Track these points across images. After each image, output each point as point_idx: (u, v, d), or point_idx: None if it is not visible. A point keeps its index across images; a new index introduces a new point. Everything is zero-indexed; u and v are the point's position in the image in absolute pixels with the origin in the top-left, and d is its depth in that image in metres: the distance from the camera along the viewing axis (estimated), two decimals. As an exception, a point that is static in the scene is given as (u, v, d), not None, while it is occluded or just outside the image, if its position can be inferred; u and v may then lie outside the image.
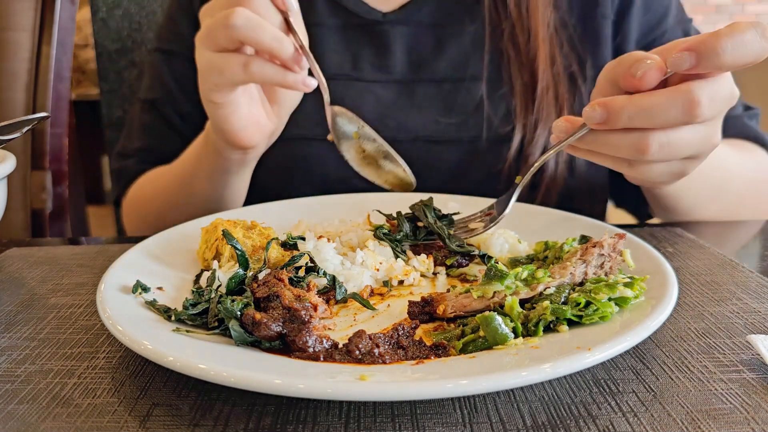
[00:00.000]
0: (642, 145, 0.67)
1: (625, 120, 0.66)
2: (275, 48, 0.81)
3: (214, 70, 0.85)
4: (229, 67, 0.83)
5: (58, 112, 1.51)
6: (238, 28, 0.80)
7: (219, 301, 0.62)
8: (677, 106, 0.65)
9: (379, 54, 1.19)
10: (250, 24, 0.80)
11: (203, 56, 0.86)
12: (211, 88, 0.88)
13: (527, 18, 1.12)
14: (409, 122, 1.17)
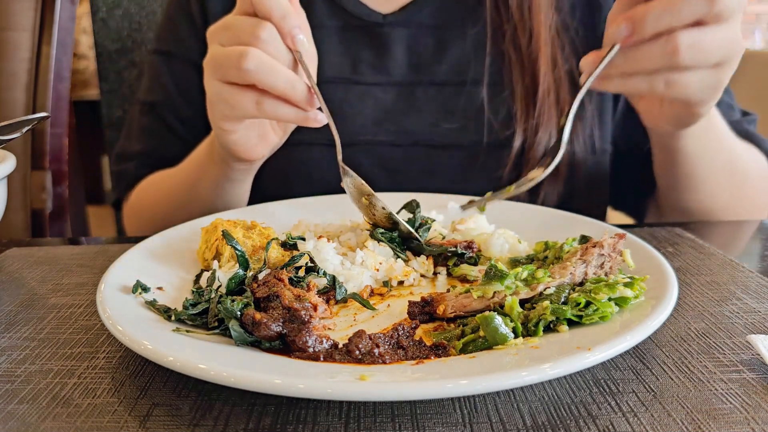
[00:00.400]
0: (672, 48, 0.71)
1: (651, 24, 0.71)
2: (288, 91, 0.81)
3: (224, 103, 0.85)
4: (241, 103, 0.83)
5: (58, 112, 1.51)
6: (251, 73, 0.79)
7: (219, 301, 0.62)
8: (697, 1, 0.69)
9: (379, 56, 1.18)
10: (263, 68, 0.79)
11: (213, 86, 0.85)
12: (220, 117, 0.88)
13: (529, 20, 1.11)
14: (408, 126, 1.16)
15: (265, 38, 0.81)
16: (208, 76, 0.86)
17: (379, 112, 1.16)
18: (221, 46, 0.85)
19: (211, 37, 0.87)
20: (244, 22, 0.83)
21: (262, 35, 0.81)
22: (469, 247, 0.79)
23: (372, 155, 1.16)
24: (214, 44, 0.86)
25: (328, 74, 1.17)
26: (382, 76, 1.18)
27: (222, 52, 0.83)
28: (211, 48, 0.87)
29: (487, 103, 1.14)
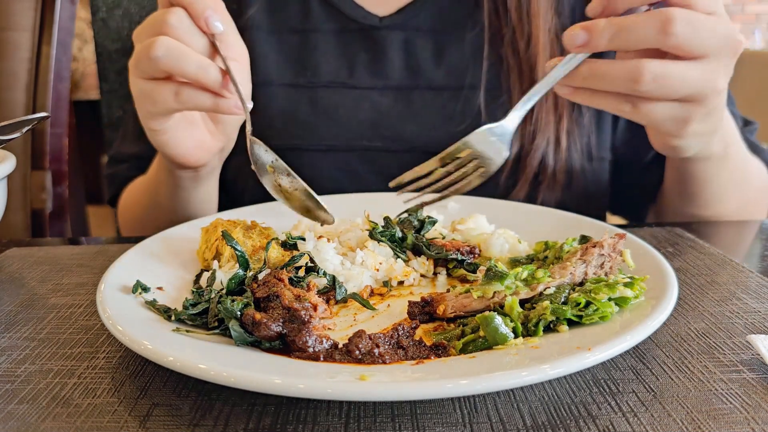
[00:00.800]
0: (635, 74, 0.70)
1: (606, 39, 0.70)
2: (200, 77, 0.79)
3: (146, 99, 0.84)
4: (160, 96, 0.82)
5: (58, 112, 1.51)
6: (160, 59, 0.78)
7: (219, 301, 0.62)
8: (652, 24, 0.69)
9: (376, 60, 1.17)
10: (172, 54, 0.78)
11: (135, 84, 0.84)
12: (146, 116, 0.87)
13: (528, 24, 1.10)
14: (405, 131, 1.15)
15: (173, 23, 0.79)
16: (130, 78, 0.86)
17: (376, 116, 1.15)
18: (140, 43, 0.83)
19: (135, 38, 0.86)
20: (157, 14, 0.82)
21: (170, 20, 0.79)
22: (470, 252, 0.79)
23: (368, 161, 1.15)
24: (136, 44, 0.85)
25: (324, 78, 1.16)
26: (378, 80, 1.17)
27: (139, 48, 0.82)
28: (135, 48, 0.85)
29: (484, 108, 1.13)
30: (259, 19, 1.18)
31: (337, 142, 1.15)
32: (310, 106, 1.15)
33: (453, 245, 0.79)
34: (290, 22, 1.18)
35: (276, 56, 1.17)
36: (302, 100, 1.16)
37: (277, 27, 1.18)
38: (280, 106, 1.15)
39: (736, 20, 7.38)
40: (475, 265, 0.77)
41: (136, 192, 1.21)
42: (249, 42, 1.16)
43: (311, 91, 1.16)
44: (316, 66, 1.16)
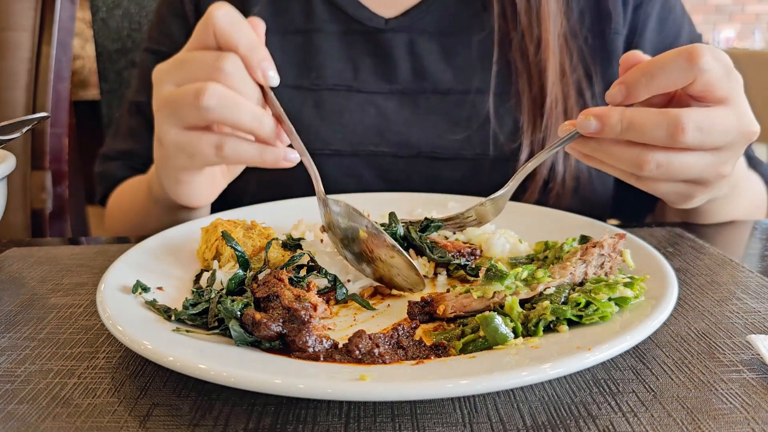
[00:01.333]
0: (640, 161, 0.70)
1: (617, 132, 0.69)
2: (255, 128, 0.74)
3: (182, 152, 0.78)
4: (200, 150, 0.76)
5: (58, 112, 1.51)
6: (212, 110, 0.72)
7: (219, 301, 0.62)
8: (663, 128, 0.68)
9: (381, 63, 1.15)
10: (225, 104, 0.72)
11: (168, 133, 0.77)
12: (178, 170, 0.82)
13: (537, 27, 1.08)
14: (411, 137, 1.13)
15: (228, 70, 0.73)
16: (162, 125, 0.78)
17: (382, 121, 1.14)
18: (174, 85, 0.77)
19: (160, 76, 0.79)
20: (203, 56, 0.75)
21: (225, 67, 0.73)
22: (471, 254, 0.79)
23: (373, 167, 1.14)
24: (166, 85, 0.78)
25: (328, 81, 1.14)
26: (384, 84, 1.15)
27: (177, 92, 0.75)
28: (160, 90, 0.79)
29: (492, 113, 1.11)
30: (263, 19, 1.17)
31: (342, 146, 1.13)
32: (315, 109, 1.14)
33: (455, 246, 0.79)
34: (294, 23, 1.17)
35: (279, 57, 1.16)
36: (307, 103, 1.14)
37: (280, 28, 1.17)
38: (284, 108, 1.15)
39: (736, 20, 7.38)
40: (477, 269, 0.77)
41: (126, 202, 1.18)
42: None
43: (316, 93, 1.15)
44: (320, 68, 1.15)
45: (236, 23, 0.76)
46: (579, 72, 1.11)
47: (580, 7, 1.13)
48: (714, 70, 0.69)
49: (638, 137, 0.69)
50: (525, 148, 1.08)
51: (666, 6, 1.17)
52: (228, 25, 0.75)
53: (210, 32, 0.75)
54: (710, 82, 0.69)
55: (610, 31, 1.13)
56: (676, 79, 0.69)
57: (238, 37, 0.75)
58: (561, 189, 1.10)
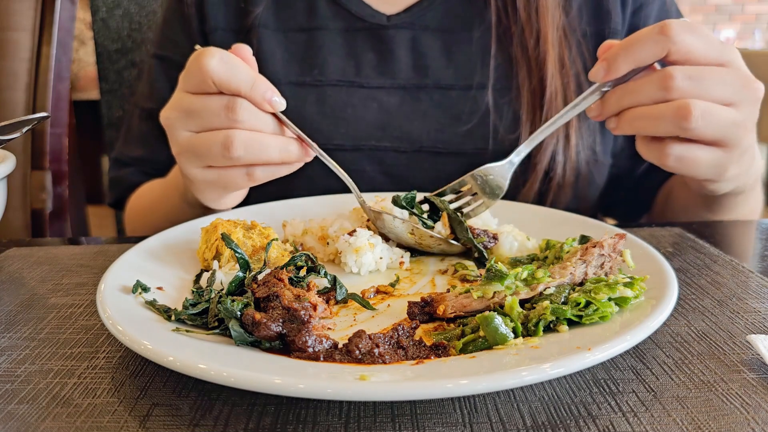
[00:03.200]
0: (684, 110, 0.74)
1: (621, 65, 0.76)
2: (285, 158, 0.79)
3: (216, 186, 0.84)
4: (233, 180, 0.81)
5: (58, 112, 1.51)
6: (243, 158, 0.77)
7: (219, 301, 0.62)
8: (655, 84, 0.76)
9: (383, 59, 1.17)
10: (253, 149, 0.76)
11: (198, 174, 0.82)
12: (215, 199, 0.87)
13: (536, 21, 1.10)
14: (412, 131, 1.15)
15: (243, 118, 0.77)
16: (187, 167, 0.83)
17: (383, 116, 1.15)
18: (193, 134, 0.81)
19: (171, 124, 0.82)
20: (213, 105, 0.78)
21: (240, 117, 0.77)
22: (494, 237, 0.82)
23: (375, 161, 1.15)
24: (179, 133, 0.82)
25: (331, 77, 1.15)
26: (386, 80, 1.16)
27: (201, 142, 0.79)
28: (175, 137, 0.82)
29: (492, 107, 1.12)
30: (266, 18, 1.18)
31: (344, 141, 1.15)
32: (318, 105, 1.15)
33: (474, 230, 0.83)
34: (297, 21, 1.19)
35: (282, 54, 1.17)
36: (309, 99, 1.15)
37: (283, 25, 1.18)
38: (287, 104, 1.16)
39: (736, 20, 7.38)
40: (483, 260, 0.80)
41: (148, 203, 1.20)
42: (256, 41, 1.16)
43: (318, 89, 1.16)
44: (323, 64, 1.16)
45: (231, 68, 0.78)
46: (578, 65, 1.12)
47: (578, 3, 1.14)
48: (686, 40, 0.74)
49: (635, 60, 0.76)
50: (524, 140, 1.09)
51: (663, 9, 1.19)
52: (225, 72, 0.77)
53: (208, 81, 0.78)
54: (687, 51, 0.74)
55: (609, 30, 1.14)
56: (651, 49, 0.75)
57: (237, 81, 0.77)
58: (561, 180, 1.11)
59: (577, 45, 1.13)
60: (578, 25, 1.14)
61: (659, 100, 0.76)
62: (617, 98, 0.79)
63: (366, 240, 0.78)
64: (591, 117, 0.83)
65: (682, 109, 0.74)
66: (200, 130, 0.80)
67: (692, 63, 0.75)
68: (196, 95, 0.80)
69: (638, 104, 0.77)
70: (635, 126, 0.79)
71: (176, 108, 0.82)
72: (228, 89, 0.78)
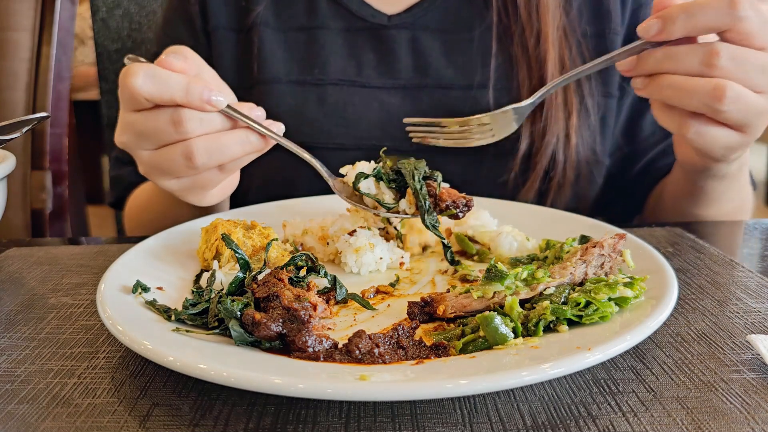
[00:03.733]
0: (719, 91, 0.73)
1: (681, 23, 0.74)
2: (248, 152, 0.79)
3: (193, 189, 0.83)
4: (207, 182, 0.81)
5: (58, 112, 1.51)
6: (206, 164, 0.77)
7: (219, 301, 0.62)
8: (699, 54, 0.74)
9: (384, 59, 1.17)
10: (214, 153, 0.76)
11: (171, 185, 0.82)
12: (199, 201, 0.86)
13: (537, 21, 1.10)
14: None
15: (192, 129, 0.76)
16: (161, 181, 0.82)
17: (384, 116, 1.15)
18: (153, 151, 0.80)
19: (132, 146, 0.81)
20: (159, 122, 0.77)
21: (188, 128, 0.76)
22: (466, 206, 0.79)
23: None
24: (138, 153, 0.81)
25: (332, 76, 1.16)
26: (387, 79, 1.16)
27: (163, 159, 0.78)
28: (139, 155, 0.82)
29: (492, 106, 1.12)
30: (267, 17, 1.18)
31: (345, 141, 1.15)
32: (318, 104, 1.15)
33: (450, 195, 0.79)
34: (297, 20, 1.19)
35: (283, 54, 1.17)
36: (310, 98, 1.16)
37: (284, 25, 1.19)
38: (287, 103, 1.15)
39: (736, 20, 7.35)
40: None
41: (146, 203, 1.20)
42: (257, 39, 1.16)
43: (319, 88, 1.16)
44: (323, 64, 1.17)
45: (158, 81, 0.75)
46: (578, 64, 1.12)
47: (578, 3, 1.14)
48: (752, 18, 0.72)
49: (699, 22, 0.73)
50: (524, 139, 1.10)
51: None
52: (153, 88, 0.75)
53: (141, 99, 0.76)
54: (747, 32, 0.73)
55: (609, 31, 1.15)
56: (715, 21, 0.73)
57: (169, 93, 0.75)
58: (561, 180, 1.11)
59: (577, 45, 1.13)
60: (578, 25, 1.14)
61: (698, 74, 0.75)
62: (656, 60, 0.77)
63: (366, 240, 0.78)
64: (621, 71, 0.82)
65: (717, 89, 0.74)
66: (157, 147, 0.80)
67: (744, 44, 0.74)
68: (139, 113, 0.78)
69: (675, 72, 0.76)
70: (665, 93, 0.78)
71: (127, 131, 0.81)
72: (162, 102, 0.76)
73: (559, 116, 1.09)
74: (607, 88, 1.15)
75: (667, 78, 0.77)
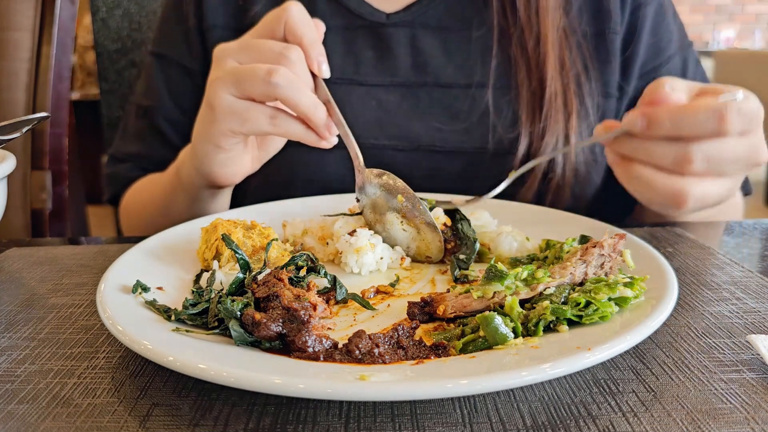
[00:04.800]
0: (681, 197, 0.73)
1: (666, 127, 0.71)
2: (311, 113, 0.81)
3: (236, 117, 0.84)
4: (255, 117, 0.83)
5: (58, 112, 1.51)
6: (281, 88, 0.79)
7: (219, 301, 0.62)
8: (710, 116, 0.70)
9: (383, 56, 1.17)
10: (292, 86, 0.79)
11: (225, 99, 0.83)
12: (226, 133, 0.86)
13: (536, 23, 1.10)
14: (411, 129, 1.15)
15: (294, 59, 0.82)
16: (218, 90, 0.84)
17: (382, 114, 1.15)
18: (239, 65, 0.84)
19: (224, 54, 0.86)
20: (270, 43, 0.83)
21: (291, 56, 0.82)
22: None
23: (374, 159, 1.15)
24: (227, 61, 0.85)
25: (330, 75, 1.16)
26: (385, 77, 1.16)
27: (245, 68, 0.82)
28: (222, 64, 0.85)
29: (492, 106, 1.12)
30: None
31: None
32: None
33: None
34: None
35: None
36: None
37: None
38: None
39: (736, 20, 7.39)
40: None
41: (144, 196, 1.20)
42: None
43: None
44: None
45: (305, 21, 0.86)
46: (578, 65, 1.12)
47: (578, 4, 1.14)
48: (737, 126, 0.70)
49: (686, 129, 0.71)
50: (523, 139, 1.10)
51: (660, 11, 1.19)
52: (299, 20, 0.85)
53: (281, 23, 0.85)
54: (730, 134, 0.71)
55: (608, 31, 1.15)
56: (701, 132, 0.71)
57: (303, 32, 0.84)
58: (561, 181, 1.11)
59: (577, 46, 1.13)
60: (578, 26, 1.14)
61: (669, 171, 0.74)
62: (632, 147, 0.76)
63: (366, 240, 0.78)
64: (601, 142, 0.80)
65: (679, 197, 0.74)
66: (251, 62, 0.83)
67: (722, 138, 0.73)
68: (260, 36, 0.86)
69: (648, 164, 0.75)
70: (632, 184, 0.77)
71: (238, 43, 0.87)
72: (293, 34, 0.84)
73: (559, 118, 1.09)
74: (606, 88, 1.15)
75: (636, 169, 0.76)
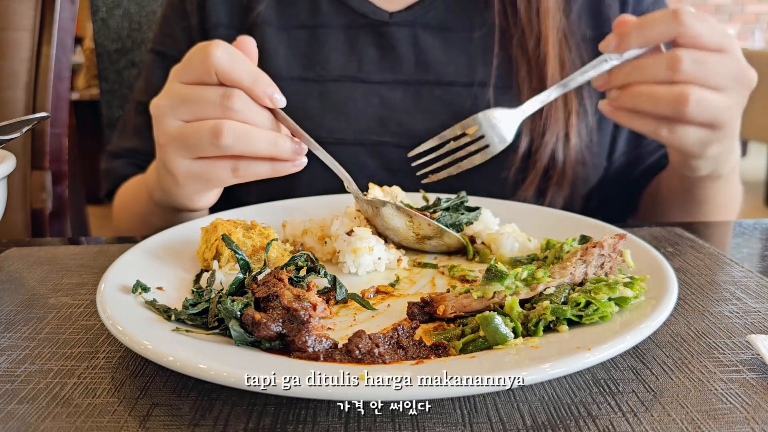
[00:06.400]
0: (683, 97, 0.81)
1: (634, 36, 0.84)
2: (273, 153, 0.78)
3: (197, 179, 0.82)
4: (216, 175, 0.80)
5: (58, 112, 1.51)
6: (231, 147, 0.75)
7: (219, 301, 0.62)
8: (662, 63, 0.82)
9: (385, 55, 1.17)
10: (242, 139, 0.75)
11: (180, 165, 0.81)
12: (191, 195, 0.85)
13: (537, 24, 1.11)
14: (413, 126, 1.15)
15: (238, 108, 0.77)
16: (172, 157, 0.81)
17: (385, 111, 1.16)
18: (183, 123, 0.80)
19: (162, 113, 0.82)
20: (208, 93, 0.78)
21: (235, 106, 0.76)
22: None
23: (376, 156, 1.16)
24: (170, 120, 0.81)
25: (333, 73, 1.16)
26: (388, 75, 1.17)
27: (190, 130, 0.78)
28: (164, 127, 0.81)
29: (493, 104, 1.13)
30: (269, 15, 1.19)
31: (346, 135, 1.15)
32: (320, 100, 1.16)
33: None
34: (299, 18, 1.20)
35: (285, 51, 1.18)
36: (312, 94, 1.16)
37: (286, 23, 1.19)
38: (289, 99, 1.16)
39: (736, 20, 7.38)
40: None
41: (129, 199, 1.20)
42: (259, 38, 1.16)
43: (320, 85, 1.17)
44: (325, 61, 1.17)
45: (235, 60, 0.78)
46: (578, 65, 1.13)
47: (578, 6, 1.15)
48: (696, 26, 0.81)
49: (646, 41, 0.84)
50: (524, 137, 1.10)
51: None
52: (228, 64, 0.78)
53: (211, 71, 0.78)
54: (695, 35, 0.81)
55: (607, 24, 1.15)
56: (663, 30, 0.82)
57: (239, 73, 0.78)
58: (560, 178, 1.11)
59: (577, 47, 1.14)
60: (578, 28, 1.14)
61: (665, 80, 0.82)
62: (626, 73, 0.85)
63: (365, 240, 0.78)
64: (596, 87, 0.90)
65: (681, 95, 0.81)
66: (192, 120, 0.79)
67: (698, 48, 0.81)
68: (192, 85, 0.80)
69: (644, 81, 0.83)
70: (635, 101, 0.84)
71: (169, 96, 0.82)
72: (230, 81, 0.78)
73: (559, 116, 1.10)
74: None
75: (636, 88, 0.84)
